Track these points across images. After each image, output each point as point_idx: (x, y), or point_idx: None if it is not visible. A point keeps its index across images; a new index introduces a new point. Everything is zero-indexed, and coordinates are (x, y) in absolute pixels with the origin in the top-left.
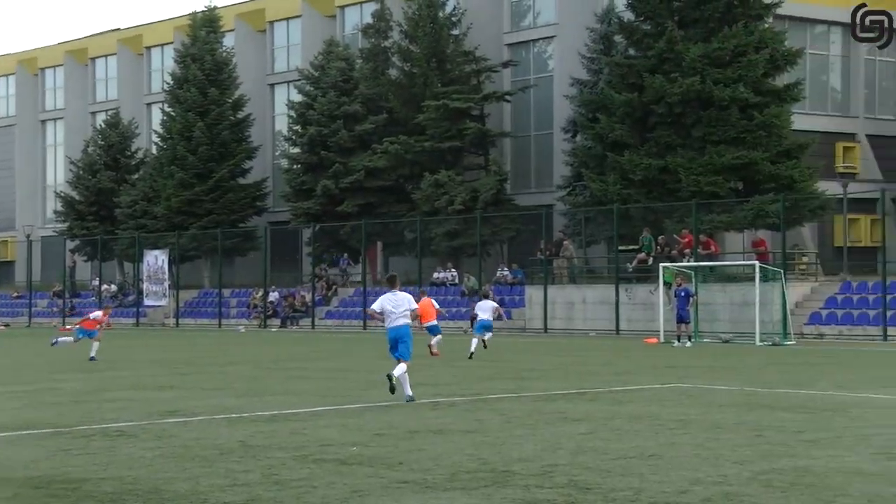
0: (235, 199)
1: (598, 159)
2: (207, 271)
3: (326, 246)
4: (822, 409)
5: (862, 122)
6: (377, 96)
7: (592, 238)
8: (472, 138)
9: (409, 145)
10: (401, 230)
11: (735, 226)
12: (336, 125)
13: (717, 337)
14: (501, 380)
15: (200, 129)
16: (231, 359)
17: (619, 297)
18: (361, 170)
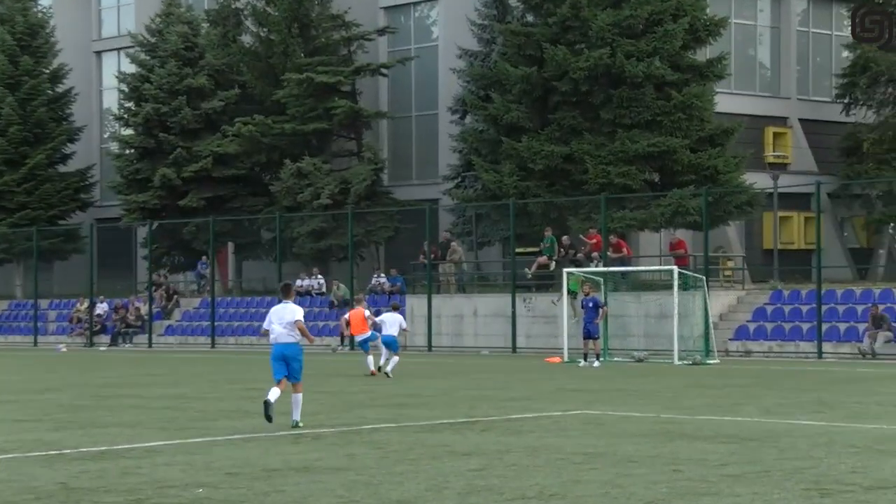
0: (54, 190)
1: (492, 145)
2: (20, 278)
3: (167, 247)
4: (748, 439)
5: (794, 104)
6: (227, 68)
7: (485, 239)
8: (342, 119)
9: (267, 127)
10: (256, 229)
11: (650, 224)
12: (177, 102)
13: (629, 355)
14: (377, 407)
15: (10, 106)
16: (49, 384)
17: (516, 308)
18: (209, 156)
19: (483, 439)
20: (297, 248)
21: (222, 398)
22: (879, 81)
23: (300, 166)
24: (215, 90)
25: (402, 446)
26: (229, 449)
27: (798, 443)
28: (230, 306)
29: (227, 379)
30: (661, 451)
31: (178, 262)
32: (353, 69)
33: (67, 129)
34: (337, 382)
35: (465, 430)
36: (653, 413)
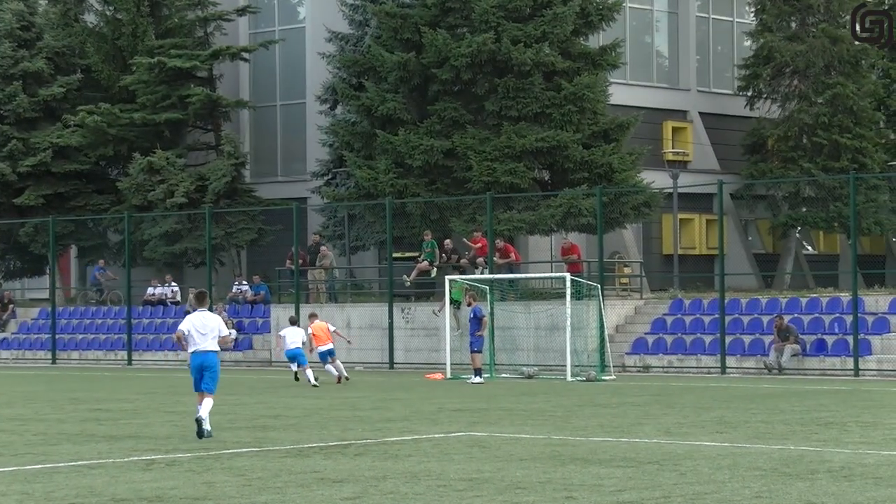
0: None
1: (365, 139)
2: None
3: (1, 251)
4: (646, 462)
5: (694, 96)
6: (69, 50)
7: (359, 242)
8: (199, 109)
9: (114, 116)
10: (102, 230)
11: (540, 227)
12: (12, 88)
13: (518, 371)
14: (236, 430)
15: None
16: None
17: (393, 319)
18: (48, 148)
19: (357, 464)
20: (149, 252)
21: (64, 419)
22: (784, 73)
23: (151, 161)
24: (55, 75)
25: (266, 473)
26: (72, 477)
27: (700, 466)
28: (73, 317)
29: (69, 398)
30: (552, 475)
31: (13, 268)
32: (210, 53)
33: None
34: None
35: (336, 455)
36: (543, 434)
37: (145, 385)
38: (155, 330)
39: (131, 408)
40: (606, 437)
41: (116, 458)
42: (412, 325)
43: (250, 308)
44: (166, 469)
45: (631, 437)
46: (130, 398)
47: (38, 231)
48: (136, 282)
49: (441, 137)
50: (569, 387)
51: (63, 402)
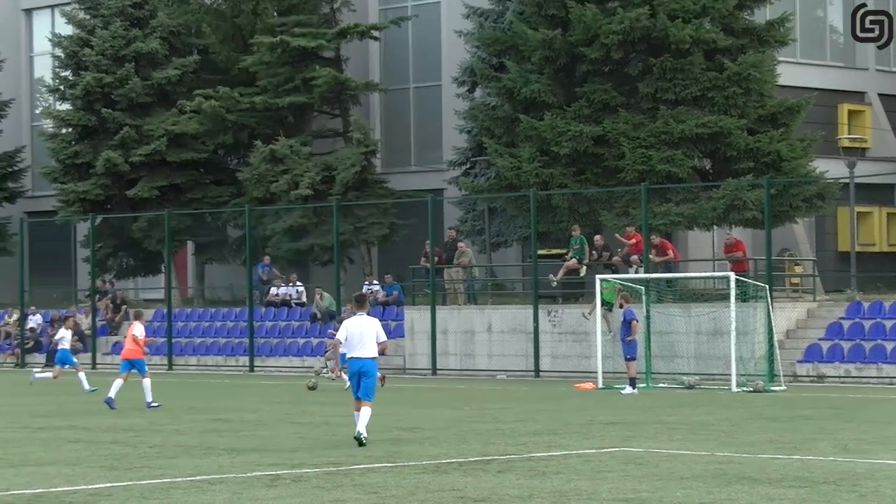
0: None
1: (507, 124)
2: None
3: (112, 248)
4: (821, 482)
5: (873, 76)
6: (184, 29)
7: (500, 238)
8: (325, 92)
9: (233, 101)
10: (221, 225)
11: (701, 221)
12: (124, 70)
13: (677, 380)
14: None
15: None
16: None
17: (538, 323)
18: (163, 136)
19: (500, 482)
20: (271, 249)
21: (182, 431)
22: None
23: (274, 149)
24: (170, 56)
25: (401, 491)
26: (191, 493)
27: (882, 487)
28: (190, 319)
29: (187, 407)
30: (716, 496)
31: (126, 266)
32: (336, 31)
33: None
34: (321, 412)
35: (477, 472)
36: (706, 451)
37: (269, 393)
38: (279, 333)
39: (254, 418)
40: (776, 455)
41: (238, 472)
42: (559, 329)
43: (382, 310)
44: (292, 485)
45: (804, 455)
46: (253, 407)
47: (152, 226)
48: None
49: (590, 122)
50: (734, 398)
51: (180, 411)
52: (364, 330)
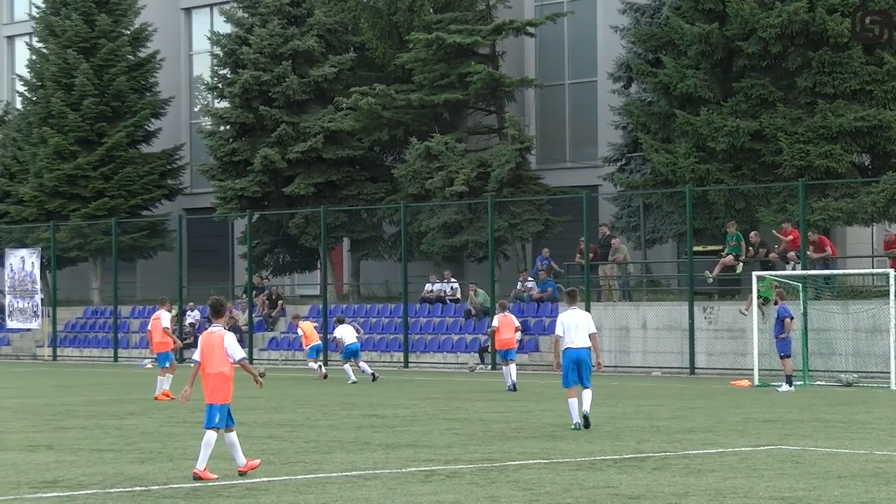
0: (136, 175)
1: (663, 120)
2: (97, 280)
3: (269, 244)
4: None
5: None
6: (341, 27)
7: (655, 234)
8: (480, 88)
9: (389, 98)
10: (377, 222)
11: (860, 216)
12: (281, 68)
13: (835, 378)
14: (523, 439)
15: (85, 75)
16: (133, 407)
17: (694, 320)
18: (319, 133)
19: (655, 480)
20: (426, 246)
21: (337, 426)
22: None
23: (429, 145)
24: (326, 54)
25: (555, 487)
26: (346, 488)
27: None
28: (346, 315)
29: (342, 403)
30: (875, 496)
31: (283, 262)
32: (492, 27)
33: (151, 102)
34: (475, 408)
35: (632, 469)
36: (865, 450)
37: (423, 389)
38: (433, 330)
39: (408, 414)
40: None
41: (393, 468)
42: (715, 327)
43: (536, 307)
44: (447, 481)
45: None
46: (407, 403)
47: (308, 222)
48: (412, 277)
49: (747, 118)
50: (893, 396)
51: (335, 407)
52: (580, 322)
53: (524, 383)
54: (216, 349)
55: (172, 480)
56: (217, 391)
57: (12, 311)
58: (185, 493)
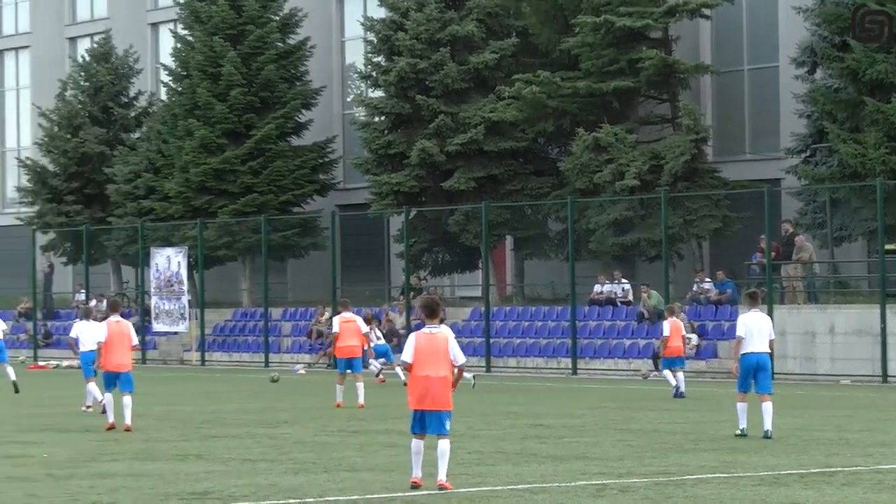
0: (286, 169)
1: (851, 108)
2: (246, 281)
3: (427, 242)
4: None
5: None
6: (502, 10)
7: (843, 232)
8: (652, 75)
9: (554, 86)
10: (542, 218)
11: None
12: (439, 55)
13: None
14: (700, 451)
15: (233, 63)
16: (286, 415)
17: (886, 323)
18: (480, 124)
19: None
20: (595, 244)
21: (501, 436)
22: None
23: (598, 137)
24: (487, 39)
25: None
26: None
27: None
28: (509, 318)
29: (506, 412)
30: None
31: (442, 261)
32: (665, 10)
33: (302, 92)
34: (648, 418)
35: (819, 484)
36: None
37: (593, 397)
38: (603, 334)
39: (578, 424)
40: None
41: (562, 481)
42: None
43: (714, 309)
44: (619, 496)
45: None
46: (576, 413)
47: (469, 219)
48: (580, 277)
49: None
50: None
51: (499, 416)
52: (762, 325)
53: (702, 392)
54: (441, 352)
55: (328, 493)
56: (442, 396)
57: (158, 313)
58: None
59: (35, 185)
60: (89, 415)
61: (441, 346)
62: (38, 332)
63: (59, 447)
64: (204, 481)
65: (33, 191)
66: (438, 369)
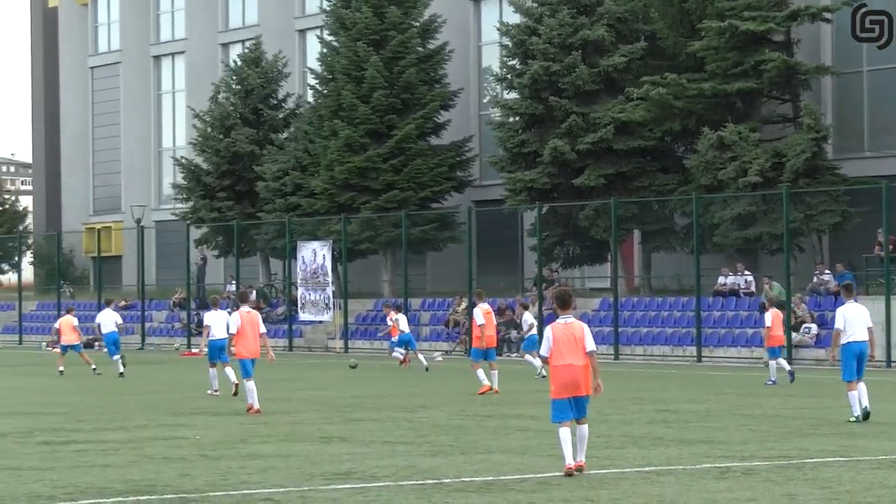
0: (426, 167)
1: None
2: (387, 273)
3: (559, 236)
4: None
5: None
6: (631, 15)
7: None
8: (774, 76)
9: (680, 87)
10: (668, 213)
11: None
12: (571, 58)
13: None
14: (820, 436)
15: (375, 67)
16: (423, 400)
17: None
18: (609, 124)
19: None
20: (719, 238)
21: (629, 421)
22: None
23: (722, 136)
24: (616, 43)
25: (855, 486)
26: (639, 484)
27: None
28: (637, 308)
29: (634, 398)
30: None
31: (572, 255)
32: (787, 14)
33: (441, 94)
34: (770, 404)
35: None
36: None
37: (716, 384)
38: (727, 324)
39: (702, 409)
40: None
41: (687, 464)
42: None
43: (833, 300)
44: (742, 478)
45: None
46: (700, 398)
47: (598, 214)
48: (705, 270)
49: None
50: None
51: (626, 401)
52: (860, 315)
53: (822, 379)
54: (578, 341)
55: (464, 474)
56: (585, 382)
57: (304, 303)
58: (476, 487)
59: (189, 183)
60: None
61: (577, 335)
62: (191, 321)
63: (210, 430)
64: (347, 462)
65: (188, 188)
66: (578, 357)
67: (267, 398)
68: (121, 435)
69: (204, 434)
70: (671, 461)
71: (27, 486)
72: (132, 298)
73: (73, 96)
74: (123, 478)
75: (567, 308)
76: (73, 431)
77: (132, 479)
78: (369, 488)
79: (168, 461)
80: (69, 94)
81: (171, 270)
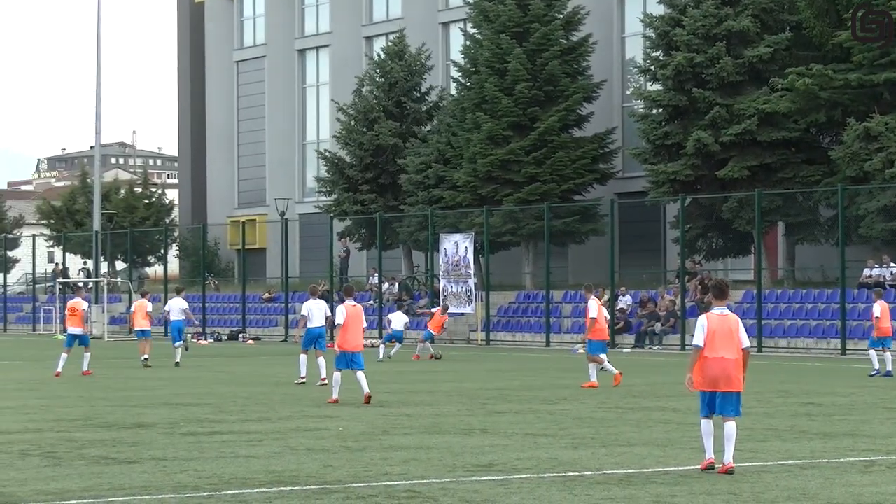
0: (569, 159)
1: None
2: (529, 265)
3: (702, 228)
4: None
5: None
6: (776, 6)
7: None
8: None
9: (826, 78)
10: (813, 205)
11: None
12: (715, 49)
13: None
14: None
15: (519, 59)
16: (565, 392)
17: None
18: (753, 115)
19: None
20: (865, 229)
21: (772, 413)
22: None
23: (868, 126)
24: (761, 34)
25: None
26: (783, 477)
27: None
28: (781, 300)
29: (777, 391)
30: None
31: (716, 246)
32: None
33: (584, 86)
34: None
35: None
36: None
37: (861, 377)
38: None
39: (846, 402)
40: None
41: (831, 457)
42: None
43: None
44: (887, 472)
45: None
46: (845, 391)
47: (742, 206)
48: (850, 262)
49: None
50: None
51: (770, 394)
52: None
53: None
54: (734, 333)
55: (605, 466)
56: (736, 377)
57: (447, 295)
58: (618, 480)
59: (333, 176)
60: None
61: (733, 328)
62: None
63: (353, 421)
64: (488, 454)
65: (331, 181)
66: (732, 350)
67: (409, 390)
68: (264, 426)
69: (347, 426)
70: (815, 454)
71: (172, 476)
72: (276, 291)
73: (218, 90)
74: (266, 469)
75: (724, 299)
76: (217, 423)
77: (275, 471)
78: (511, 480)
79: (311, 452)
80: (215, 88)
81: (315, 263)
